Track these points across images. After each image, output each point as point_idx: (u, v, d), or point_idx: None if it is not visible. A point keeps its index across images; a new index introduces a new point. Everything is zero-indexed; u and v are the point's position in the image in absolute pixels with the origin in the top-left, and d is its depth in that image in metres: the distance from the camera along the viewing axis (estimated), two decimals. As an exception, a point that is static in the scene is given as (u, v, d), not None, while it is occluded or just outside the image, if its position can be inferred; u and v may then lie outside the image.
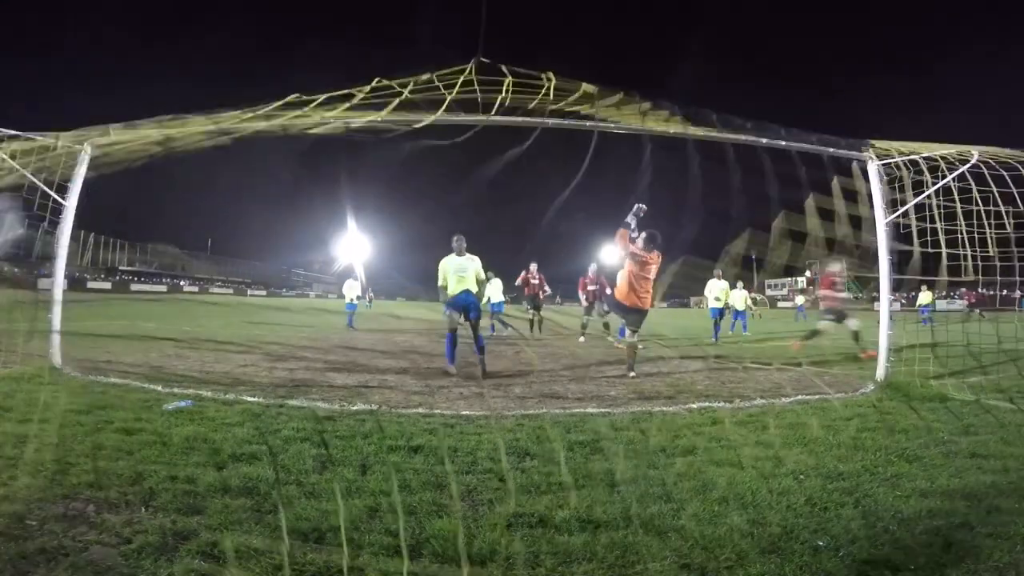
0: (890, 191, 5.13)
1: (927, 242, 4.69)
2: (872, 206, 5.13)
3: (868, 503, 2.26)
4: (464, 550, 1.78)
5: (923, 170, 4.84)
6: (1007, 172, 4.28)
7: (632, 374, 5.82)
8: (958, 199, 4.53)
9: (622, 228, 5.83)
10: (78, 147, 5.11)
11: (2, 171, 4.69)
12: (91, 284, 45.46)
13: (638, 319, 6.06)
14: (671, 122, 3.90)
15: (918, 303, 19.32)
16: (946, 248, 4.41)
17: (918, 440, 3.19)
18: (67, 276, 5.32)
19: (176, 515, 2.01)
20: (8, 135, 4.67)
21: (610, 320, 10.37)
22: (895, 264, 5.07)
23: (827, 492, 2.37)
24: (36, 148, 4.89)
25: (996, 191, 4.36)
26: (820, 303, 8.65)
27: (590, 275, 11.18)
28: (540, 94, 2.75)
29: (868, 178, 5.17)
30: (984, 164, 4.49)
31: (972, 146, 4.54)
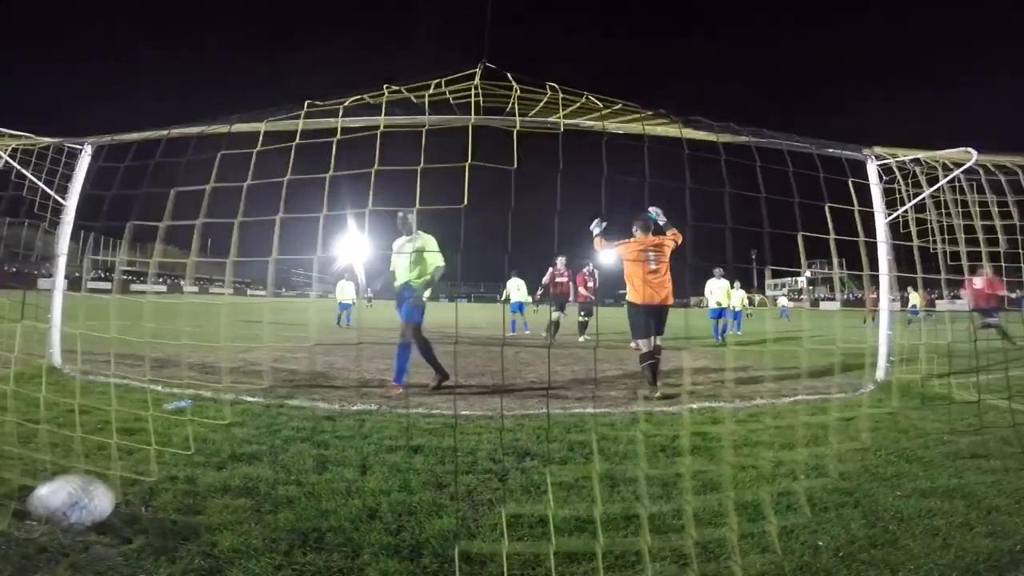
0: (889, 191, 5.15)
1: (927, 242, 4.69)
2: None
3: (868, 503, 2.26)
4: (464, 550, 1.78)
5: (922, 171, 4.85)
6: (1005, 176, 4.29)
7: (658, 394, 4.68)
8: (958, 199, 4.53)
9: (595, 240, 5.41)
10: (78, 147, 5.11)
11: (2, 171, 4.69)
12: (91, 284, 45.40)
13: (659, 316, 5.07)
14: (670, 129, 3.91)
15: (909, 304, 19.70)
16: (945, 248, 4.41)
17: (918, 440, 3.19)
18: (67, 276, 5.31)
19: (176, 515, 2.00)
20: (9, 135, 4.67)
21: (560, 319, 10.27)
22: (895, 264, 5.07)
23: (827, 492, 2.37)
24: (36, 148, 4.89)
25: (997, 190, 4.36)
26: (980, 303, 8.61)
27: (559, 267, 10.52)
28: (544, 101, 2.76)
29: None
30: (982, 166, 4.49)
31: (971, 148, 4.54)
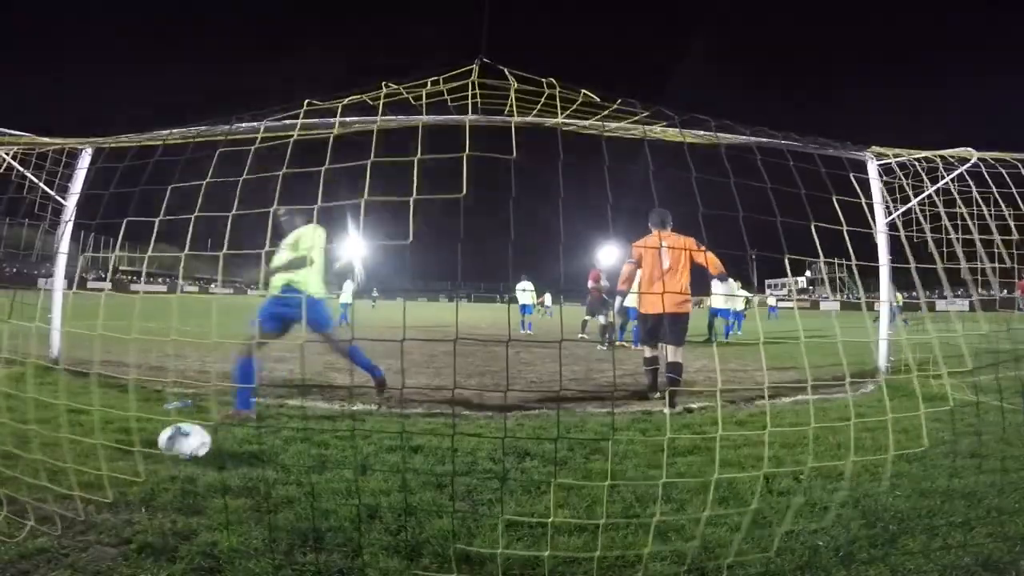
0: (889, 191, 5.15)
1: (926, 241, 4.69)
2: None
3: (868, 503, 2.27)
4: (464, 550, 1.78)
5: (922, 170, 4.85)
6: (1006, 171, 4.29)
7: (672, 409, 4.09)
8: (958, 198, 4.53)
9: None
10: (78, 147, 5.11)
11: (3, 171, 4.69)
12: (91, 284, 45.43)
13: (673, 325, 4.28)
14: (670, 133, 3.91)
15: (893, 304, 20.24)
16: (945, 248, 4.41)
17: (918, 440, 3.19)
18: (67, 276, 5.32)
19: (176, 515, 2.01)
20: (9, 135, 4.67)
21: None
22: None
23: (827, 492, 2.37)
24: (37, 148, 4.89)
25: (996, 191, 4.35)
26: None
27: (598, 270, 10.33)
28: (543, 100, 2.75)
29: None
30: (983, 164, 4.49)
31: (971, 148, 4.55)
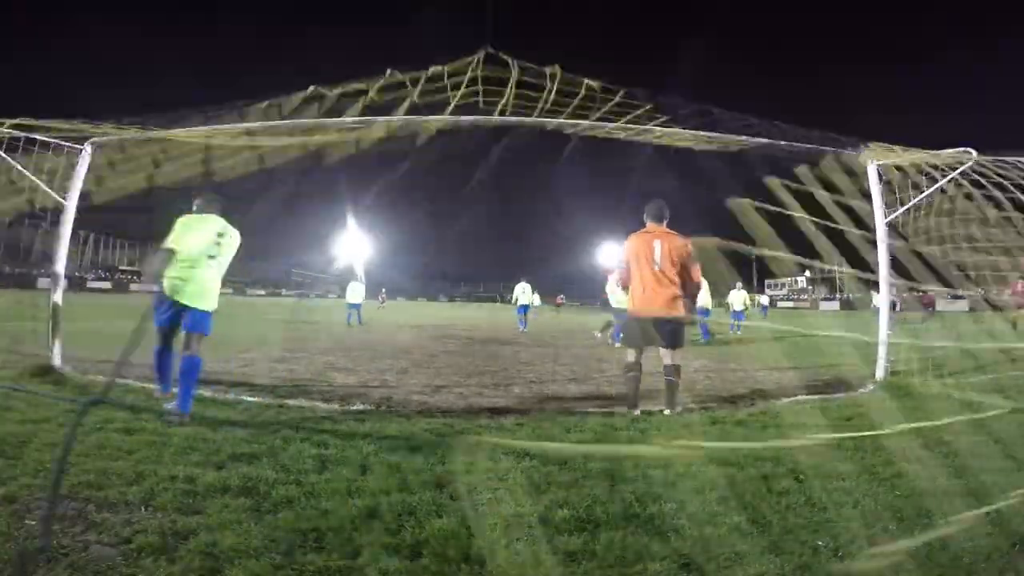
0: (889, 191, 5.15)
1: (925, 242, 4.70)
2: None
3: (868, 503, 2.26)
4: (464, 550, 1.78)
5: (922, 171, 4.85)
6: (1006, 172, 4.30)
7: (637, 412, 3.97)
8: (959, 198, 4.54)
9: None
10: (78, 147, 5.10)
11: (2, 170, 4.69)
12: (91, 284, 45.44)
13: (666, 329, 4.06)
14: (672, 128, 3.93)
15: (873, 304, 20.45)
16: (941, 248, 4.42)
17: (918, 440, 3.19)
18: (67, 276, 5.31)
19: (176, 515, 2.00)
20: (9, 134, 4.66)
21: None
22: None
23: (827, 492, 2.36)
24: (36, 147, 4.89)
25: (995, 192, 4.37)
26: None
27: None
28: (544, 92, 2.75)
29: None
30: (982, 165, 4.50)
31: (971, 148, 4.55)
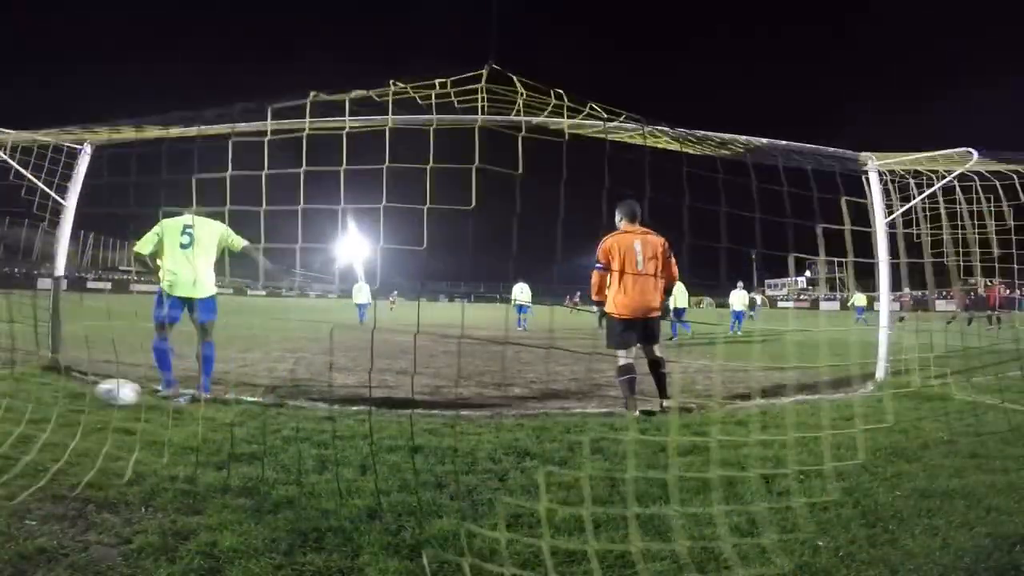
0: (888, 193, 5.16)
1: (925, 243, 4.71)
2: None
3: (868, 503, 2.26)
4: (464, 550, 1.78)
5: (922, 172, 4.86)
6: (1005, 175, 4.30)
7: (637, 414, 3.93)
8: (959, 198, 4.54)
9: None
10: (78, 147, 5.11)
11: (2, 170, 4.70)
12: (91, 284, 45.45)
13: (646, 328, 4.15)
14: (671, 143, 3.95)
15: (852, 303, 21.10)
16: (942, 249, 4.42)
17: (918, 440, 3.19)
18: (67, 276, 5.31)
19: (176, 515, 2.00)
20: (8, 134, 4.67)
21: None
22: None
23: (827, 492, 2.36)
24: (36, 147, 4.89)
25: (994, 193, 4.37)
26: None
27: None
28: (548, 109, 2.77)
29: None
30: (983, 167, 4.50)
31: (971, 149, 4.56)
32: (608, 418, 3.85)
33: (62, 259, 5.24)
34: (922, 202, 4.90)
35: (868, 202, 4.91)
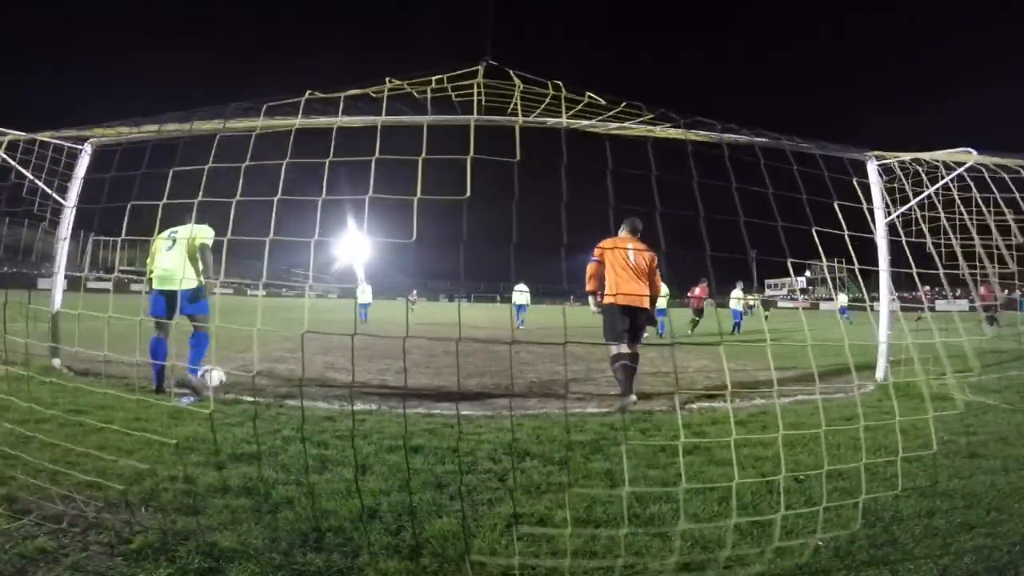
0: (889, 191, 5.16)
1: (924, 243, 4.70)
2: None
3: (868, 503, 2.26)
4: (464, 550, 1.78)
5: (922, 171, 4.86)
6: (1006, 175, 4.29)
7: (632, 398, 4.39)
8: (958, 199, 4.53)
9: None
10: (78, 147, 5.11)
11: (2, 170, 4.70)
12: (91, 284, 45.47)
13: (635, 319, 4.58)
14: (673, 132, 3.93)
15: (838, 304, 21.35)
16: (943, 248, 4.41)
17: (918, 440, 3.19)
18: (67, 276, 5.31)
19: (176, 515, 2.00)
20: (8, 134, 4.66)
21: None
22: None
23: (827, 492, 2.36)
24: (36, 148, 4.89)
25: (996, 193, 4.36)
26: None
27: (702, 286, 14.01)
28: (547, 101, 2.75)
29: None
30: (983, 167, 4.49)
31: (970, 148, 4.55)
32: (608, 418, 3.85)
33: (62, 259, 5.24)
34: (923, 201, 4.90)
35: (866, 202, 4.90)
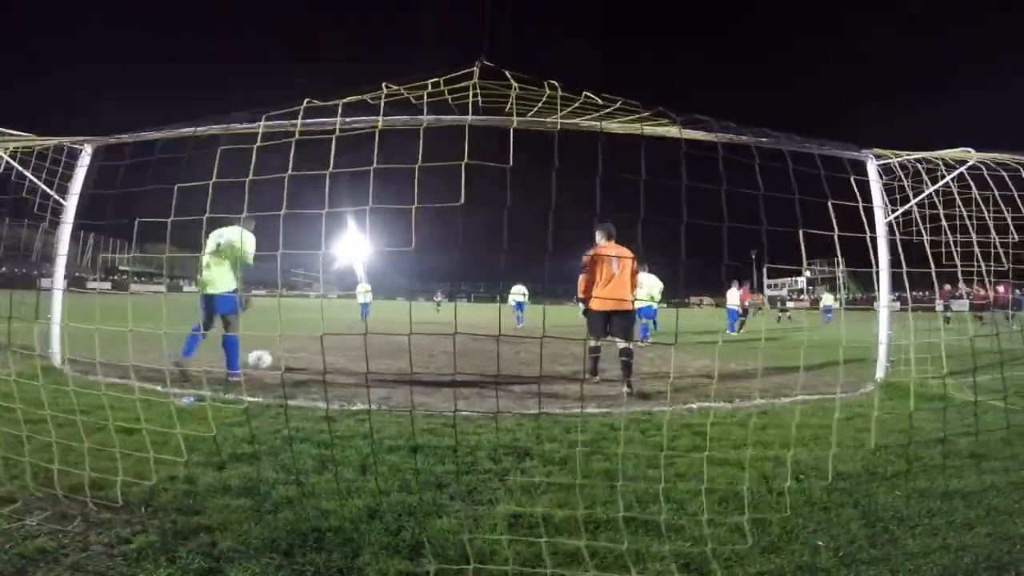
0: (889, 191, 5.16)
1: (925, 242, 4.69)
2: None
3: (868, 503, 2.26)
4: (464, 550, 1.78)
5: (922, 170, 4.85)
6: (1006, 173, 4.29)
7: (597, 379, 5.45)
8: (958, 199, 4.53)
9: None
10: (78, 147, 5.11)
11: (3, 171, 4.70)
12: (91, 284, 45.48)
13: (619, 320, 5.29)
14: (670, 129, 3.93)
15: (822, 304, 21.64)
16: (944, 248, 4.41)
17: (918, 440, 3.19)
18: (67, 276, 5.32)
19: (176, 515, 2.01)
20: (9, 135, 4.67)
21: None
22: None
23: (827, 492, 2.37)
24: (36, 148, 4.89)
25: (996, 192, 4.36)
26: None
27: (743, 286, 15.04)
28: (543, 101, 2.74)
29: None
30: (983, 165, 4.49)
31: (970, 148, 4.55)
32: (608, 418, 3.85)
33: (62, 259, 5.25)
34: (922, 200, 4.90)
35: (865, 202, 4.90)
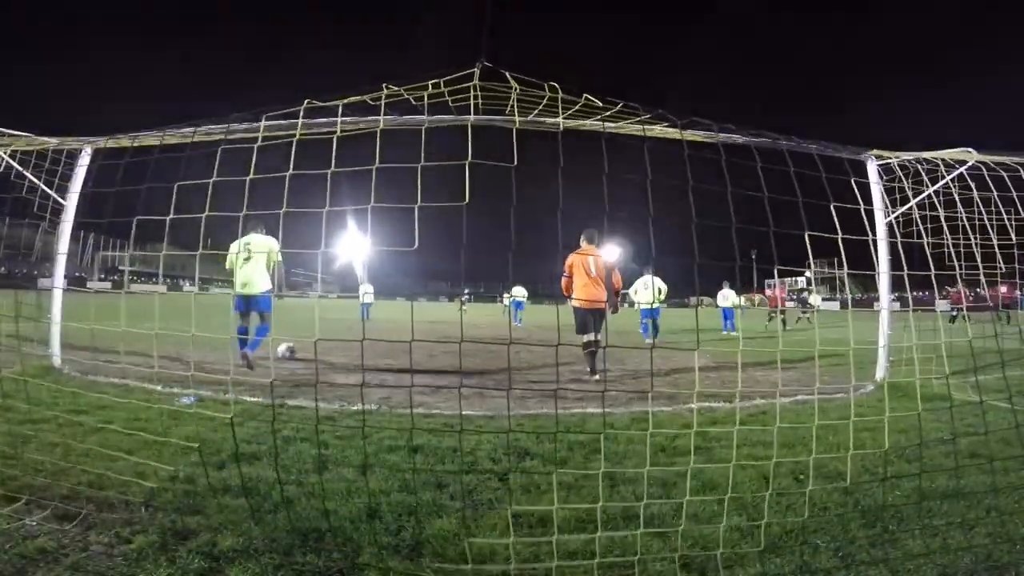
0: (890, 191, 5.16)
1: (925, 242, 4.69)
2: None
3: (868, 503, 2.26)
4: (464, 550, 1.78)
5: (922, 171, 4.86)
6: (1006, 173, 4.29)
7: (596, 377, 5.70)
8: (958, 199, 4.53)
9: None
10: (78, 147, 5.11)
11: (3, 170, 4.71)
12: (91, 284, 45.50)
13: (598, 316, 5.88)
14: (670, 131, 3.94)
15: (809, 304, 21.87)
16: (946, 249, 4.40)
17: (918, 440, 3.19)
18: (67, 276, 5.32)
19: (176, 515, 2.01)
20: (9, 135, 4.67)
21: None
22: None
23: (827, 492, 2.37)
24: (36, 148, 4.89)
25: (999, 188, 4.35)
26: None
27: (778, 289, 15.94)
28: (543, 102, 2.74)
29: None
30: (983, 165, 4.49)
31: (971, 148, 4.55)
32: (608, 417, 3.85)
33: (62, 259, 5.25)
34: (923, 200, 4.90)
35: (863, 203, 4.90)
